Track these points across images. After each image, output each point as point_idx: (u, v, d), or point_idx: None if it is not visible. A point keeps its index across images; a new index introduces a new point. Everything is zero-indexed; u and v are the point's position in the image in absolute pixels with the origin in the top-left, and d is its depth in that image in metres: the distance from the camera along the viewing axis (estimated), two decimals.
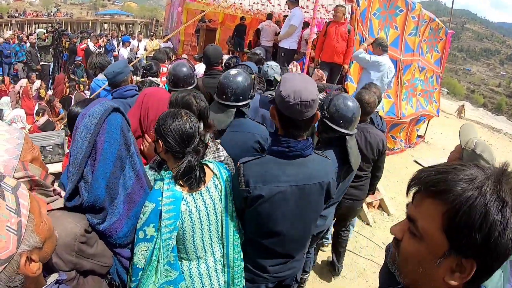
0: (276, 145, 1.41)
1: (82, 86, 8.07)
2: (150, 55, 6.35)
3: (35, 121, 6.19)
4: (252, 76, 2.36)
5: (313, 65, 5.43)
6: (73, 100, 5.98)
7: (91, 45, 9.23)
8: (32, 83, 8.34)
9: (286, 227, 1.48)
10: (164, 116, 1.40)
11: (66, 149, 3.17)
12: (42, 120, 5.85)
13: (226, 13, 10.93)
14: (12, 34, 12.96)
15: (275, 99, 1.39)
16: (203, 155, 1.49)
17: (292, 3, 5.77)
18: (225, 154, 1.78)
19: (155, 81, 3.27)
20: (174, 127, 1.35)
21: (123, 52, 10.24)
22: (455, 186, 0.63)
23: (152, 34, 14.48)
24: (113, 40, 12.08)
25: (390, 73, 4.43)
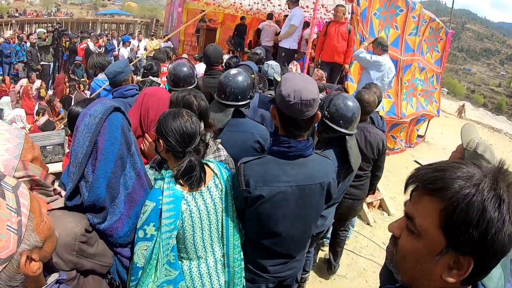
0: (277, 145, 1.41)
1: (82, 86, 8.07)
2: (150, 55, 6.35)
3: (35, 121, 6.19)
4: (253, 76, 2.35)
5: (313, 65, 5.42)
6: (73, 100, 5.97)
7: (91, 45, 9.23)
8: (32, 83, 8.34)
9: (287, 228, 1.48)
10: (165, 116, 1.39)
11: (67, 149, 3.17)
12: (43, 120, 5.85)
13: (226, 13, 10.93)
14: (12, 34, 12.96)
15: (276, 99, 1.39)
16: (204, 155, 1.49)
17: (292, 3, 5.76)
18: (226, 154, 1.78)
19: (156, 81, 3.26)
20: (175, 127, 1.35)
21: (123, 52, 10.25)
22: (453, 184, 0.63)
23: (152, 34, 14.49)
24: (113, 40, 12.09)
25: (391, 73, 4.42)
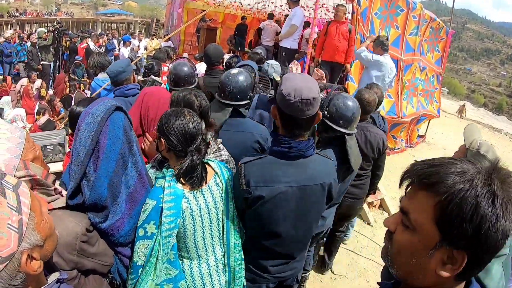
0: (277, 146, 1.41)
1: (83, 86, 8.08)
2: (151, 55, 6.36)
3: (36, 120, 6.19)
4: (253, 75, 2.35)
5: (313, 65, 5.42)
6: (74, 100, 5.98)
7: (92, 45, 9.23)
8: (33, 83, 8.33)
9: (287, 228, 1.48)
10: (167, 115, 1.39)
11: (67, 148, 3.17)
12: (43, 120, 5.85)
13: (227, 13, 10.93)
14: (13, 34, 12.98)
15: (276, 98, 1.39)
16: (205, 154, 1.49)
17: (293, 3, 5.75)
18: (227, 154, 1.78)
19: (158, 80, 3.26)
20: (177, 126, 1.35)
21: (124, 52, 10.26)
22: (447, 179, 0.64)
23: (153, 34, 14.51)
24: (114, 40, 12.10)
25: (392, 73, 4.42)
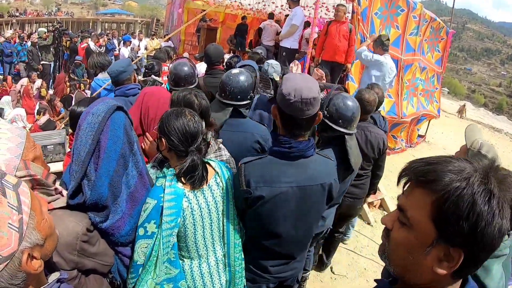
0: (278, 146, 1.41)
1: (83, 85, 8.08)
2: (151, 54, 6.36)
3: (36, 120, 6.19)
4: (254, 75, 2.35)
5: (313, 64, 5.42)
6: (74, 99, 5.98)
7: (92, 45, 9.23)
8: (33, 82, 8.33)
9: (287, 228, 1.48)
10: (168, 115, 1.39)
11: (67, 148, 3.18)
12: (43, 119, 5.85)
13: (227, 13, 10.93)
14: (13, 33, 12.98)
15: (277, 98, 1.39)
16: (205, 154, 1.48)
17: (293, 2, 5.75)
18: (228, 154, 1.78)
19: (159, 80, 3.26)
20: (178, 126, 1.35)
21: (124, 51, 10.27)
22: (444, 177, 0.65)
23: (153, 33, 14.53)
24: (114, 40, 12.12)
25: (392, 73, 4.42)
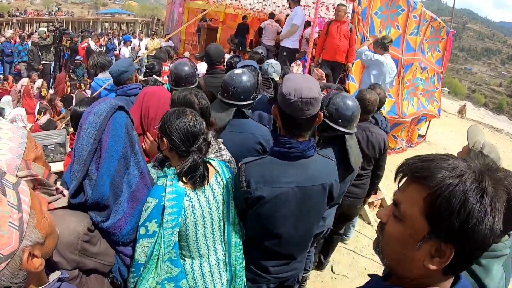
0: (278, 146, 1.41)
1: (83, 85, 8.09)
2: (151, 54, 6.36)
3: (37, 120, 6.19)
4: (255, 74, 2.34)
5: (314, 64, 5.42)
6: (74, 99, 5.97)
7: (92, 44, 9.25)
8: (33, 82, 8.34)
9: (288, 229, 1.48)
10: (170, 115, 1.39)
11: (68, 148, 3.18)
12: (44, 119, 5.85)
13: (228, 12, 10.93)
14: (14, 33, 12.98)
15: (277, 98, 1.39)
16: (206, 153, 1.49)
17: (294, 2, 5.75)
18: (228, 154, 1.77)
19: (159, 80, 3.26)
20: (180, 126, 1.35)
21: (124, 51, 10.28)
22: (437, 173, 0.67)
23: (153, 33, 14.53)
24: (114, 39, 12.13)
25: (392, 73, 4.42)
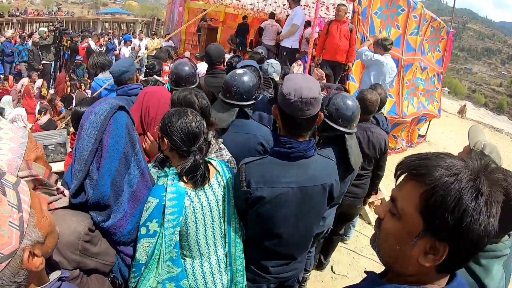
0: (278, 146, 1.41)
1: (84, 85, 8.09)
2: (152, 54, 6.36)
3: (37, 120, 6.20)
4: (257, 74, 2.34)
5: (314, 64, 5.42)
6: (75, 99, 5.97)
7: (93, 44, 9.24)
8: (34, 82, 8.34)
9: (288, 229, 1.48)
10: (170, 115, 1.39)
11: (68, 148, 3.18)
12: (44, 119, 5.85)
13: (228, 12, 10.93)
14: (14, 33, 12.98)
15: (278, 98, 1.39)
16: (206, 153, 1.49)
17: (294, 2, 5.75)
18: (229, 154, 1.77)
19: (160, 80, 3.26)
20: (180, 126, 1.35)
21: (125, 51, 10.28)
22: (434, 171, 0.68)
23: (153, 33, 14.53)
24: (115, 39, 12.12)
25: (392, 73, 4.42)
